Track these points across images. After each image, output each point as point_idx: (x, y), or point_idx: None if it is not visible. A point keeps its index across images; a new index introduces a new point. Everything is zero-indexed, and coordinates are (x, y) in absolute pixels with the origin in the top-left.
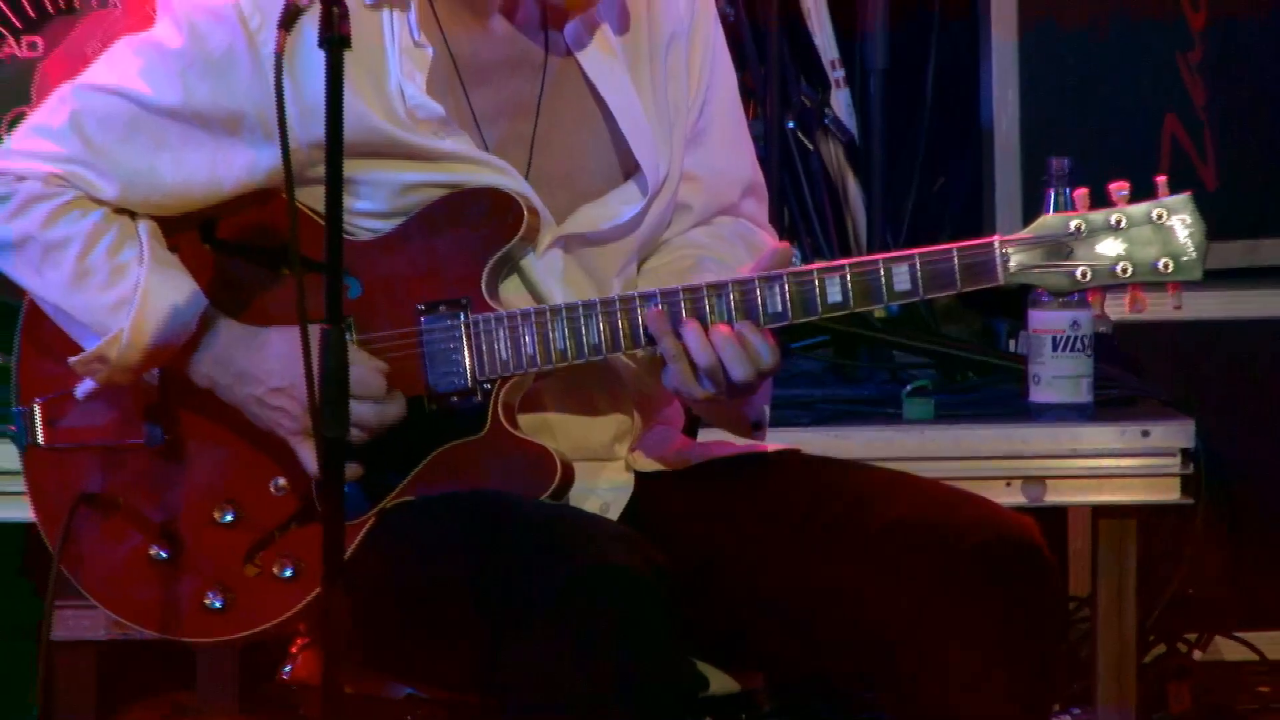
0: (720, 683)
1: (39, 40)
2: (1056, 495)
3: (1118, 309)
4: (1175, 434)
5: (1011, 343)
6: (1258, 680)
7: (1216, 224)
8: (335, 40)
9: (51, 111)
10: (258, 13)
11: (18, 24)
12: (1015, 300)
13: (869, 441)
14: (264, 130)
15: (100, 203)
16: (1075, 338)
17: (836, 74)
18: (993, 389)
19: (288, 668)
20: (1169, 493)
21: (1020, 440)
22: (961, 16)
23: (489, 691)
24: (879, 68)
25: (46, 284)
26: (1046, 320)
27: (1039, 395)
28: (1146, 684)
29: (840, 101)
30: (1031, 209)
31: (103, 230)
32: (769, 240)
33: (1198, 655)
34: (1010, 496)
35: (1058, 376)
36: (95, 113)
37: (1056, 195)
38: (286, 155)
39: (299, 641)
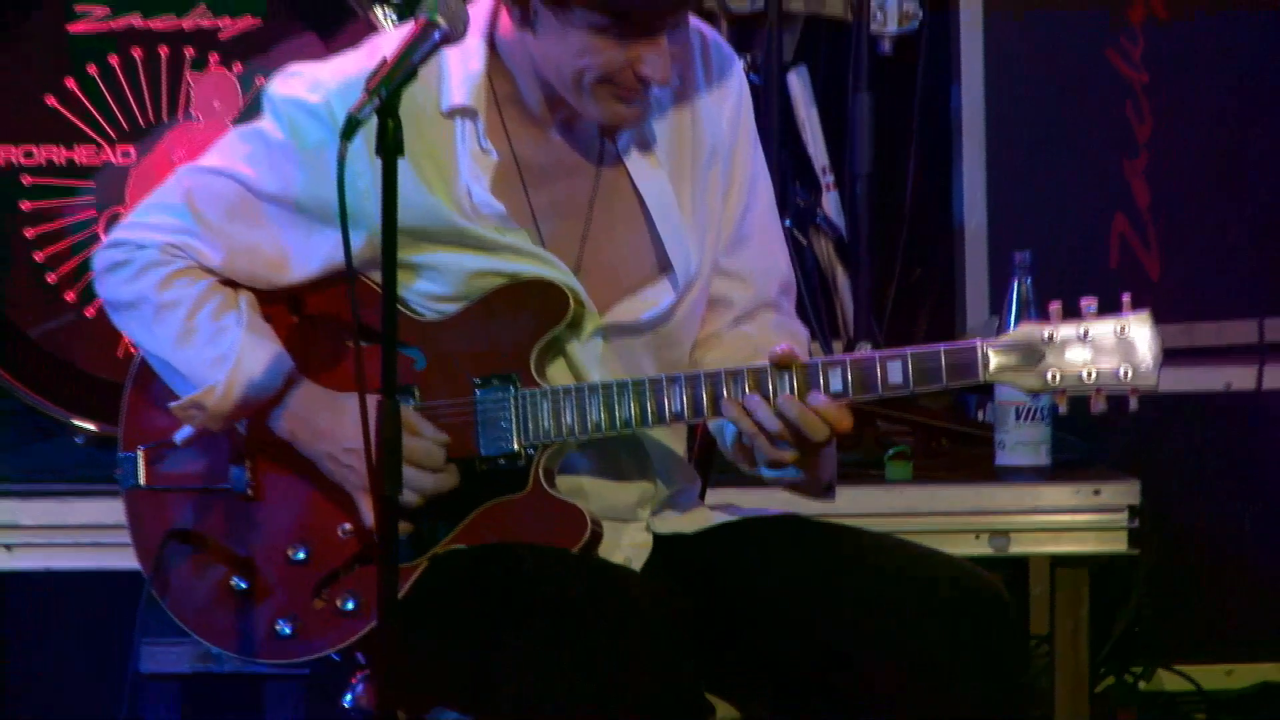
0: (726, 711)
1: (132, 149)
2: (1019, 546)
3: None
4: (1123, 493)
5: (980, 413)
6: (1195, 709)
7: (1159, 309)
8: (390, 148)
9: (168, 190)
10: (344, 111)
11: (113, 135)
12: None
13: (856, 499)
14: (349, 217)
15: (209, 272)
16: (1035, 409)
17: (827, 179)
18: (964, 453)
19: (349, 697)
20: (1118, 544)
21: (988, 498)
22: (936, 128)
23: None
24: (864, 173)
25: (156, 339)
26: (1011, 393)
27: (1004, 459)
28: (1098, 711)
29: (830, 203)
30: (997, 296)
31: (208, 297)
32: (803, 330)
33: (1143, 686)
34: (979, 548)
35: (1020, 443)
36: (206, 191)
37: (1019, 284)
38: (347, 246)
39: (359, 672)
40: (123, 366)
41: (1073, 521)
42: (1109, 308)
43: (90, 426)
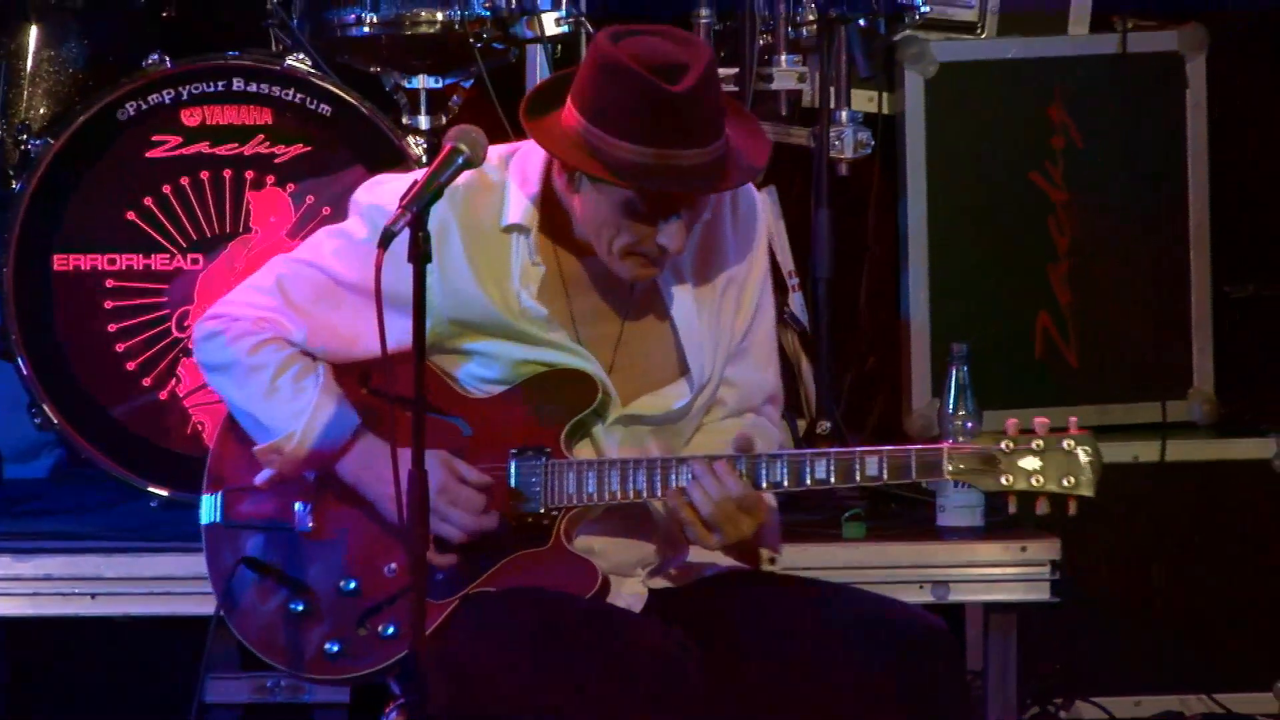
0: None
1: (200, 257)
2: (957, 595)
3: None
4: (1046, 549)
5: (924, 481)
6: None
7: (1078, 392)
8: (420, 257)
9: (263, 275)
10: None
11: (184, 244)
12: None
13: (817, 555)
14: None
15: (292, 344)
16: None
17: (793, 282)
18: (910, 515)
19: None
20: (1041, 594)
21: (930, 554)
22: (886, 238)
23: None
24: (825, 277)
25: (245, 394)
26: None
27: (944, 520)
28: None
29: (796, 301)
30: (938, 382)
31: (291, 362)
32: (777, 435)
33: (1064, 715)
34: (922, 596)
35: (958, 506)
36: (295, 278)
37: (957, 371)
38: (382, 334)
39: (390, 703)
40: (191, 441)
41: (1003, 574)
42: (1039, 400)
43: (163, 492)
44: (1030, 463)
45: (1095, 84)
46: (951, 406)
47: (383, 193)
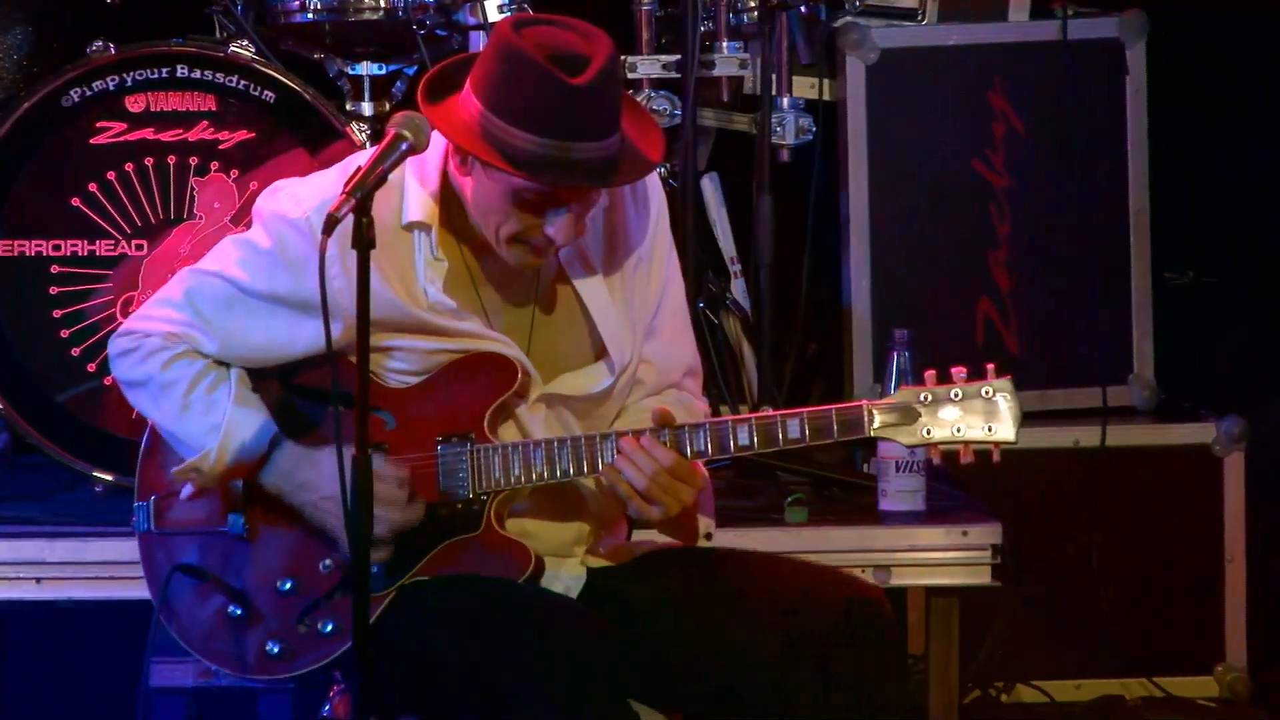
0: (650, 718)
1: (144, 243)
2: (899, 579)
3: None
4: (987, 534)
5: (866, 465)
6: (1049, 718)
7: (1018, 378)
8: (363, 242)
9: (171, 288)
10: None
11: (128, 230)
12: None
13: (760, 539)
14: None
15: (205, 356)
16: (913, 462)
17: (735, 268)
18: (852, 500)
19: (326, 707)
20: (982, 578)
21: (872, 538)
22: (827, 224)
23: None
24: (766, 263)
25: (161, 413)
26: (892, 449)
27: (886, 505)
28: None
29: (738, 288)
30: (880, 367)
31: (203, 375)
32: (701, 406)
33: (1004, 699)
34: (865, 580)
35: (900, 491)
36: (203, 290)
37: (898, 357)
38: (327, 327)
39: (335, 688)
40: (136, 426)
41: (944, 558)
42: (977, 376)
43: (108, 477)
44: (950, 413)
45: (1036, 70)
46: (893, 391)
47: (283, 199)
